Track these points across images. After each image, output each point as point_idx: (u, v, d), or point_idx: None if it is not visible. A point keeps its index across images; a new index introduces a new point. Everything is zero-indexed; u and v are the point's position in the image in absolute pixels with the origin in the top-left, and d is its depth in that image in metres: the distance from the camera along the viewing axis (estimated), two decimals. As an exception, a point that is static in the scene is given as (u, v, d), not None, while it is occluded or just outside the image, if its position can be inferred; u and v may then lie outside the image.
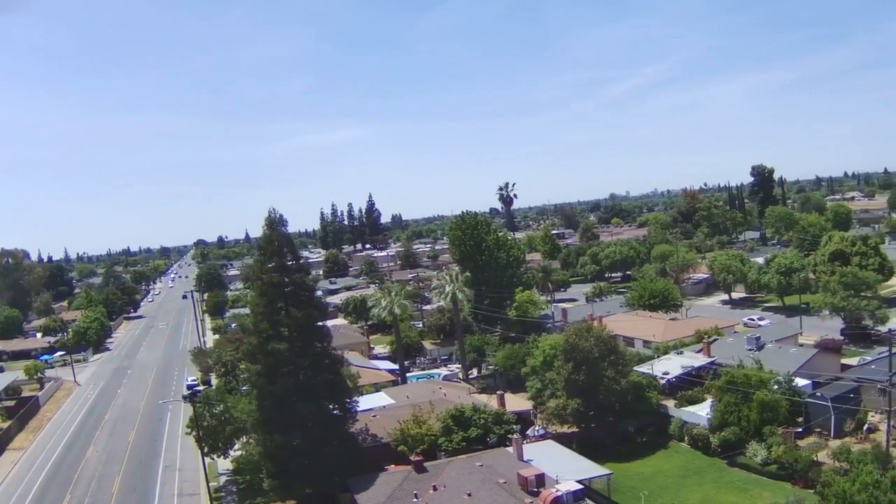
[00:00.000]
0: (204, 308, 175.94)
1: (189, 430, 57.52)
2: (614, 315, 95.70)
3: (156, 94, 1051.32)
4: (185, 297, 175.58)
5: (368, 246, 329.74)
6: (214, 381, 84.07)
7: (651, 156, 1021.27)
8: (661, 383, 64.60)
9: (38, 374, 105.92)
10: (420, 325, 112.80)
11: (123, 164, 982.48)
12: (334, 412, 49.44)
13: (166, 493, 56.86)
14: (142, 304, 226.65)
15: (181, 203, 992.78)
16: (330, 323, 69.17)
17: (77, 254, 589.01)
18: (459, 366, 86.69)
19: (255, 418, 48.82)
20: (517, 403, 63.92)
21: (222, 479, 59.67)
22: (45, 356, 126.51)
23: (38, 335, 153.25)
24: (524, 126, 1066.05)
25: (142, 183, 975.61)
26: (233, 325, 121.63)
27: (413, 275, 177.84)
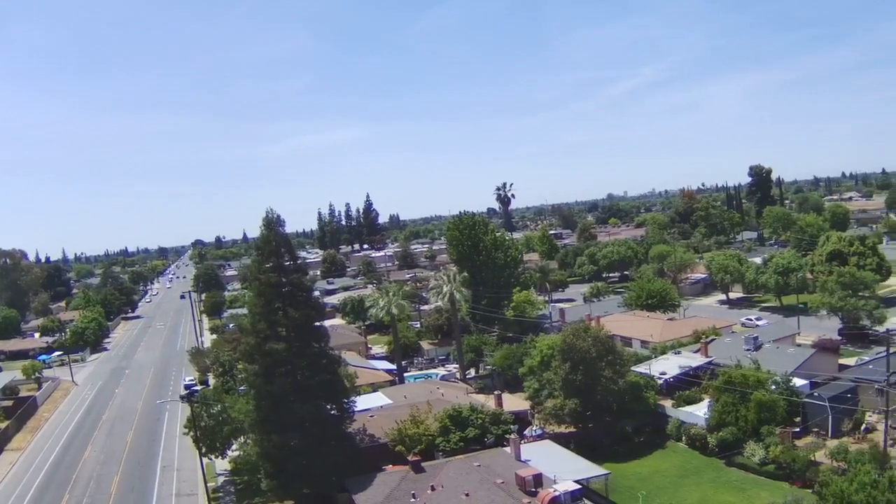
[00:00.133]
0: (202, 308, 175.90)
1: (187, 431, 57.39)
2: (612, 315, 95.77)
3: (155, 94, 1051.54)
4: (183, 298, 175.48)
5: (366, 246, 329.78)
6: (212, 382, 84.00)
7: (649, 156, 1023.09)
8: (659, 383, 64.59)
9: (36, 375, 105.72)
10: (418, 326, 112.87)
11: (122, 165, 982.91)
12: (332, 412, 49.44)
13: (164, 494, 56.82)
14: (139, 305, 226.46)
15: (179, 203, 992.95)
16: (327, 323, 69.07)
17: (75, 254, 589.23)
18: (457, 366, 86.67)
19: (253, 418, 48.79)
20: (515, 403, 63.93)
21: (220, 480, 59.64)
22: (43, 356, 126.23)
23: (36, 335, 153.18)
24: (522, 126, 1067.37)
25: (140, 183, 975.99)
26: (230, 326, 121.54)
27: (411, 275, 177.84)
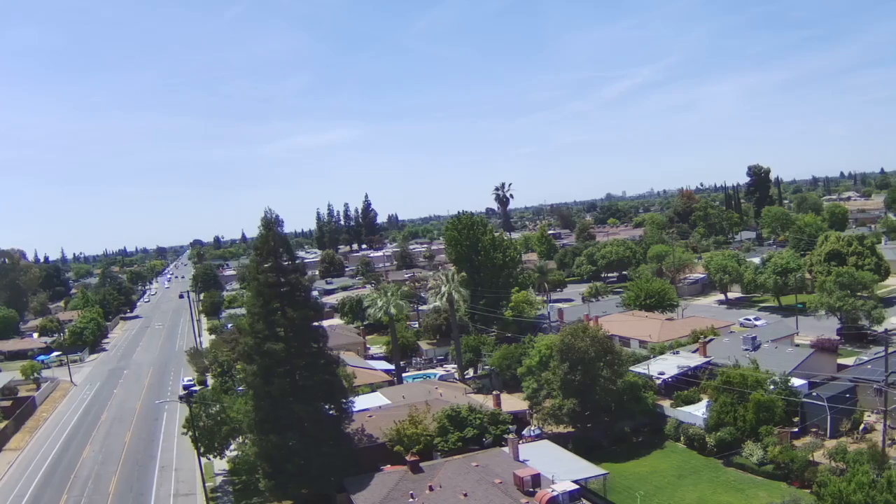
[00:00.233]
0: (200, 308, 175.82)
1: (185, 431, 57.42)
2: (610, 315, 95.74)
3: (152, 95, 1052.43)
4: (182, 297, 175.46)
5: (364, 246, 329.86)
6: (210, 382, 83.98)
7: (647, 156, 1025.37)
8: (657, 383, 64.61)
9: (35, 375, 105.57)
10: (416, 326, 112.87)
11: (120, 165, 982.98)
12: (330, 412, 49.43)
13: (163, 494, 56.80)
14: (138, 305, 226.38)
15: (178, 203, 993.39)
16: (326, 323, 68.91)
17: (73, 254, 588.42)
18: (455, 366, 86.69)
19: (251, 419, 48.70)
20: (513, 403, 63.94)
21: (218, 480, 59.61)
22: (42, 356, 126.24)
23: (35, 335, 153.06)
24: (520, 126, 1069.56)
25: (138, 183, 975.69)
26: (229, 326, 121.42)
27: (409, 275, 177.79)
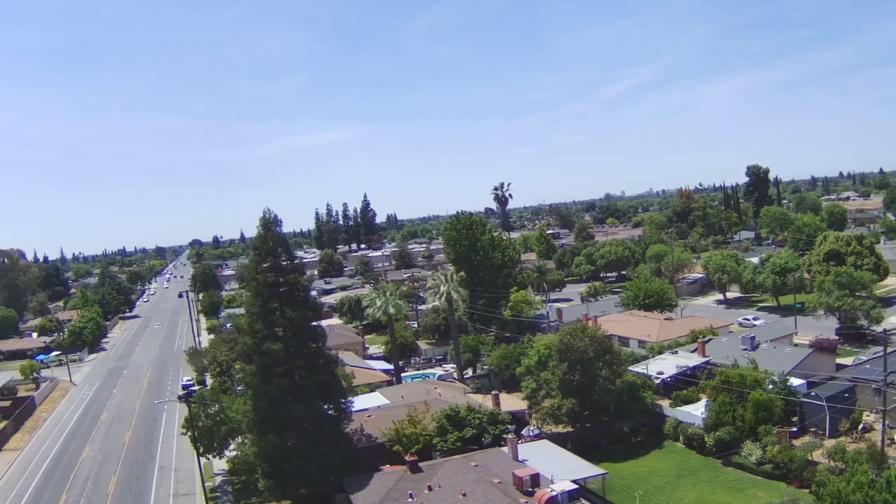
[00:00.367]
0: (199, 308, 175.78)
1: (184, 431, 57.45)
2: (609, 315, 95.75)
3: (151, 95, 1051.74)
4: (181, 296, 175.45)
5: (363, 246, 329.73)
6: (210, 382, 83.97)
7: (647, 156, 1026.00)
8: (656, 383, 64.64)
9: (34, 375, 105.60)
10: (415, 325, 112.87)
11: (119, 165, 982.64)
12: (329, 412, 49.43)
13: (162, 494, 56.83)
14: (137, 304, 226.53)
15: (177, 203, 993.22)
16: (325, 323, 68.90)
17: (73, 254, 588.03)
18: (454, 366, 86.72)
19: (250, 419, 48.71)
20: (512, 403, 63.97)
21: (218, 480, 59.64)
22: (41, 356, 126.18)
23: (34, 335, 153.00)
24: (520, 126, 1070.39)
25: (137, 183, 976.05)
26: (228, 326, 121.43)
27: (408, 275, 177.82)
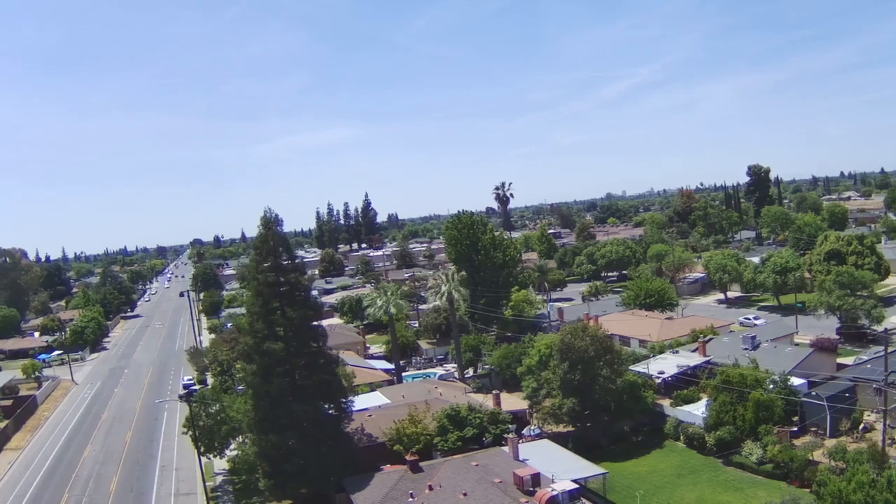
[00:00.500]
0: (200, 308, 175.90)
1: (185, 430, 57.52)
2: (610, 314, 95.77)
3: (151, 94, 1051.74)
4: (183, 295, 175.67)
5: (364, 245, 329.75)
6: (210, 381, 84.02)
7: (647, 156, 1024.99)
8: (657, 383, 64.67)
9: (36, 374, 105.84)
10: (416, 325, 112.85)
11: (120, 164, 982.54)
12: (330, 412, 49.44)
13: (163, 493, 56.89)
14: (138, 304, 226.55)
15: (178, 203, 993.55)
16: (325, 322, 69.00)
17: (74, 253, 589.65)
18: (455, 365, 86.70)
19: (251, 418, 48.73)
20: (513, 403, 63.99)
21: (218, 479, 59.72)
22: (43, 355, 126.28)
23: (36, 334, 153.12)
24: (520, 126, 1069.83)
25: (138, 183, 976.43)
26: (228, 325, 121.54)
27: (409, 274, 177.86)
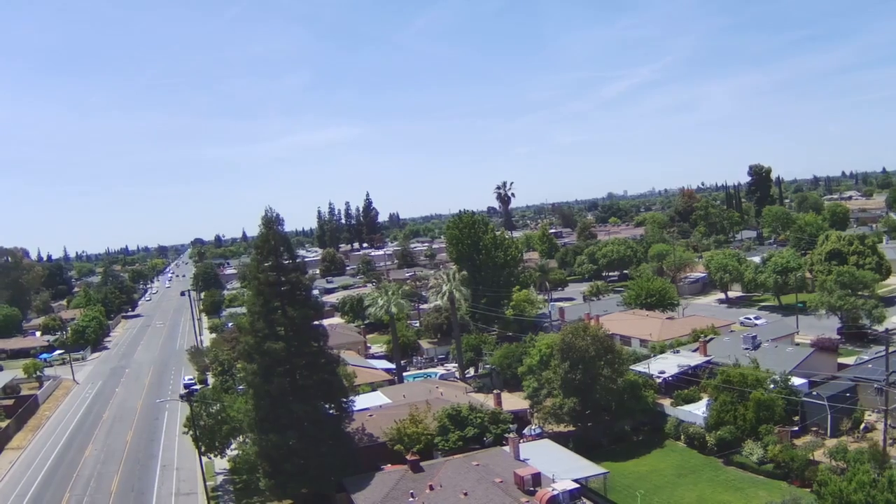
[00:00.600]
0: (201, 307, 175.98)
1: (186, 430, 57.54)
2: (611, 314, 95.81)
3: (152, 94, 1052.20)
4: (184, 294, 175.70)
5: (365, 245, 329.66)
6: (211, 381, 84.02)
7: (648, 155, 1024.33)
8: (658, 382, 64.69)
9: (37, 373, 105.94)
10: (417, 325, 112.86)
11: (121, 164, 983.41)
12: (330, 412, 49.44)
13: (164, 493, 56.94)
14: (139, 303, 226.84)
15: (179, 202, 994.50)
16: (326, 322, 69.06)
17: (76, 252, 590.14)
18: (456, 365, 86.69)
19: (252, 418, 48.74)
20: (514, 402, 63.99)
21: (219, 479, 59.78)
22: (44, 355, 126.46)
23: (37, 334, 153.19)
24: (520, 126, 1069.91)
25: (139, 182, 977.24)
26: (229, 325, 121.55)
27: (410, 274, 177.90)
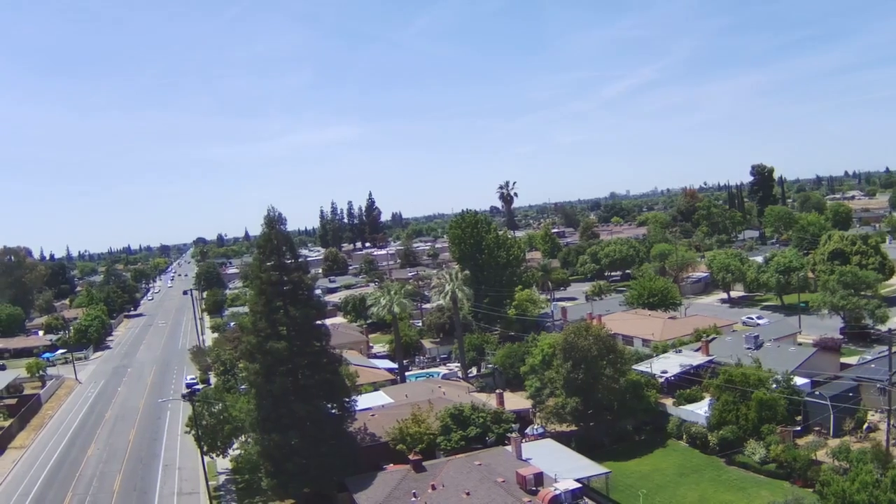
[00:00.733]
0: (203, 306, 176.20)
1: (188, 429, 57.60)
2: (613, 314, 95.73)
3: (153, 93, 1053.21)
4: (186, 294, 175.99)
5: (368, 244, 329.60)
6: (213, 380, 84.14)
7: (649, 155, 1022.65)
8: (660, 382, 64.66)
9: (40, 372, 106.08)
10: (419, 324, 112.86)
11: (122, 163, 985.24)
12: (332, 411, 49.47)
13: (166, 492, 56.99)
14: (142, 303, 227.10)
15: (181, 201, 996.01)
16: (329, 321, 69.12)
17: (78, 252, 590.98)
18: (458, 364, 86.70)
19: (254, 417, 48.82)
20: (516, 402, 63.99)
21: (221, 478, 59.80)
22: (47, 354, 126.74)
23: (40, 333, 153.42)
24: (521, 125, 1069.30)
25: (142, 181, 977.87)
26: (231, 324, 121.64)
27: (413, 273, 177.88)
